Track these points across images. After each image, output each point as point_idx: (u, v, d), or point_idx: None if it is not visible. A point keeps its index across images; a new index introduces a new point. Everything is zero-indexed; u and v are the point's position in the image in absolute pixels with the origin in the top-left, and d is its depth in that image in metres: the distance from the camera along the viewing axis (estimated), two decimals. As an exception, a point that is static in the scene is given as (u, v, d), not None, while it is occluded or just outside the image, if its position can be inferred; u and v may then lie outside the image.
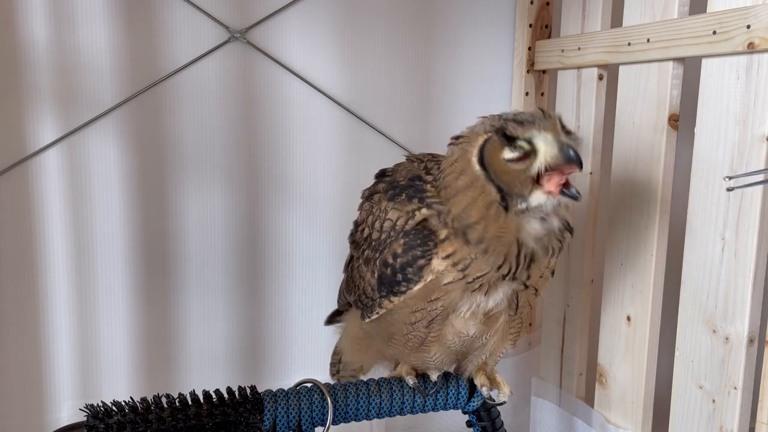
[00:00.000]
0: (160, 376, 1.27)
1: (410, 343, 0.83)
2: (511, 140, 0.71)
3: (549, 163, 0.70)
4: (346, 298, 0.94)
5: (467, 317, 0.79)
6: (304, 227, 1.32)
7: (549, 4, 1.38)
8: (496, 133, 0.72)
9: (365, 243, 0.85)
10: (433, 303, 0.78)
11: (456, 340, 0.82)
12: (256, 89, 1.25)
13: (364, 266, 0.84)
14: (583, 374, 1.28)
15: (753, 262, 0.86)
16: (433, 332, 0.81)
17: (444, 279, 0.75)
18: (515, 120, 0.71)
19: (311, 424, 0.84)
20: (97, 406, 0.75)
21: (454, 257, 0.74)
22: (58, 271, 1.18)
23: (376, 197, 0.86)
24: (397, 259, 0.77)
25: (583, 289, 1.24)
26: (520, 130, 0.70)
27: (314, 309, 1.35)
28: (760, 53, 0.83)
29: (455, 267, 0.74)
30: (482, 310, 0.78)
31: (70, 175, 1.17)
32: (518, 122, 0.71)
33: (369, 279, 0.82)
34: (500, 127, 0.72)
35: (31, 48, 1.12)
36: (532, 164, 0.71)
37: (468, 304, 0.77)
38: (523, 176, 0.71)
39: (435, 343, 0.83)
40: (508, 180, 0.72)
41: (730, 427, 0.90)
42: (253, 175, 1.28)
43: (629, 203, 1.09)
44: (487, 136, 0.73)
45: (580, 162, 0.69)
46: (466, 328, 0.81)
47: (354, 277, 0.88)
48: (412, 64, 1.35)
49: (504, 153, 0.72)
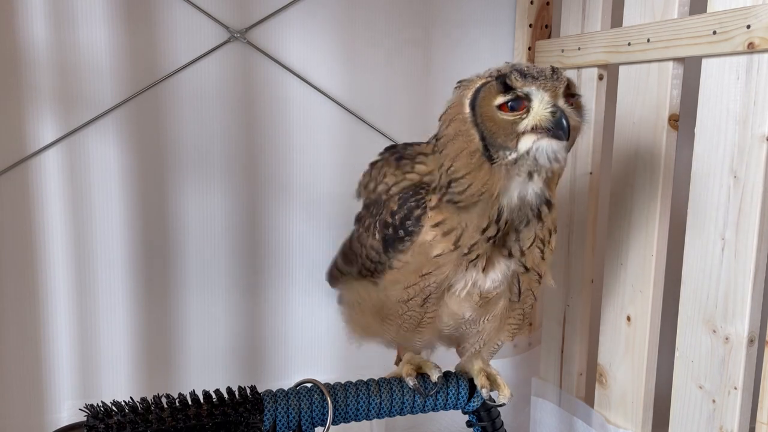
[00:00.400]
0: (160, 376, 1.27)
1: (406, 324, 0.82)
2: (508, 89, 0.69)
3: (538, 123, 0.69)
4: (343, 270, 0.93)
5: (462, 297, 0.78)
6: (303, 226, 1.32)
7: (549, 4, 1.38)
8: (497, 79, 0.70)
9: (366, 212, 0.86)
10: (426, 278, 0.76)
11: (451, 322, 0.81)
12: (256, 89, 1.25)
13: (365, 234, 0.84)
14: (583, 374, 1.28)
15: (753, 262, 0.86)
16: (429, 312, 0.79)
17: (434, 250, 0.75)
18: (520, 71, 0.69)
19: (311, 424, 0.84)
20: (97, 406, 0.75)
21: (444, 226, 0.74)
22: (58, 270, 1.18)
23: (379, 163, 0.87)
24: (396, 216, 0.77)
25: (583, 289, 1.24)
26: (521, 82, 0.68)
27: (314, 309, 1.35)
28: (760, 53, 0.83)
29: (445, 237, 0.74)
30: (479, 289, 0.77)
31: (70, 175, 1.17)
32: (522, 74, 0.69)
33: (372, 243, 0.81)
34: (503, 73, 0.70)
35: (31, 48, 1.12)
36: (522, 119, 0.69)
37: (463, 281, 0.76)
38: (509, 128, 0.69)
39: (430, 325, 0.82)
40: (493, 128, 0.70)
41: (730, 427, 0.90)
42: (252, 174, 1.28)
43: (629, 203, 1.08)
44: (486, 80, 0.71)
45: (567, 133, 0.68)
46: (461, 310, 0.79)
47: (354, 248, 0.88)
48: (412, 64, 1.35)
49: (497, 99, 0.70)
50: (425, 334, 0.84)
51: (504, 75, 0.70)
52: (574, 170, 1.24)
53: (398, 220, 0.77)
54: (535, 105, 0.69)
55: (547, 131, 0.69)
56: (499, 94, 0.70)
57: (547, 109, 0.68)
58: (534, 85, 0.68)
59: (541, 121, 0.69)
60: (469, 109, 0.72)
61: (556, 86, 0.69)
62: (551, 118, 0.68)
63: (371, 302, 0.86)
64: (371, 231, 0.82)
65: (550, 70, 0.69)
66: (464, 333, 0.84)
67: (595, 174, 1.21)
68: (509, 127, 0.69)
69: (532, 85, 0.68)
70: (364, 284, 0.87)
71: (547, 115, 0.68)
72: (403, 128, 1.35)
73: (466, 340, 0.87)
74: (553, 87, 0.68)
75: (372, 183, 0.86)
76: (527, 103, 0.69)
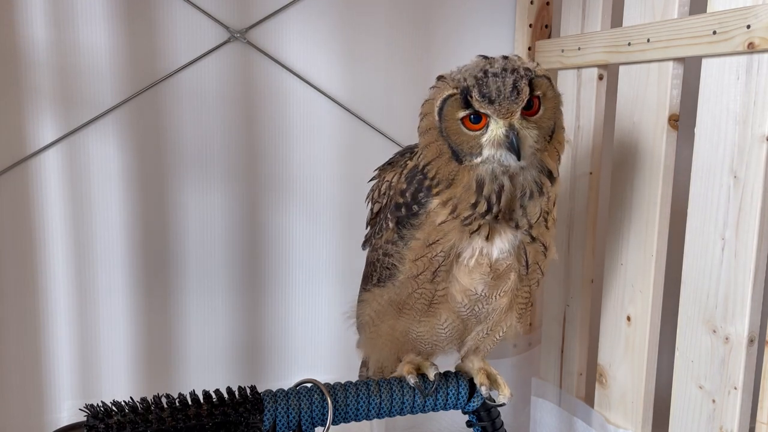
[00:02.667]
0: (160, 376, 1.27)
1: (419, 304, 0.83)
2: (469, 105, 0.74)
3: (494, 140, 0.74)
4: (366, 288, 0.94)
5: (472, 267, 0.79)
6: (303, 226, 1.32)
7: (549, 4, 1.38)
8: (461, 93, 0.75)
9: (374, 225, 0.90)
10: (433, 248, 0.79)
11: (465, 300, 0.82)
12: (256, 89, 1.25)
13: (376, 237, 0.88)
14: (583, 374, 1.28)
15: (753, 262, 0.86)
16: (439, 288, 0.81)
17: (438, 217, 0.78)
18: (481, 90, 0.72)
19: (311, 424, 0.84)
20: (97, 406, 0.75)
21: (443, 195, 0.78)
22: (58, 270, 1.18)
23: (377, 174, 0.92)
24: (406, 193, 0.81)
25: (583, 289, 1.24)
26: (479, 102, 0.73)
27: (314, 309, 1.35)
28: (760, 53, 0.83)
29: (445, 206, 0.78)
30: (487, 258, 0.79)
31: (70, 175, 1.17)
32: (482, 93, 0.72)
33: (386, 237, 0.84)
34: (467, 86, 0.74)
35: (31, 48, 1.12)
36: (482, 135, 0.75)
37: (470, 249, 0.79)
38: (472, 141, 0.75)
39: (443, 305, 0.83)
40: (457, 139, 0.76)
41: (730, 427, 0.90)
42: (252, 174, 1.28)
43: (629, 203, 1.08)
44: (452, 92, 0.76)
45: (518, 155, 0.73)
46: (473, 284, 0.81)
47: (370, 260, 0.91)
48: (412, 64, 1.35)
49: (459, 113, 0.75)
50: (440, 316, 0.84)
51: (466, 89, 0.74)
52: (574, 170, 1.24)
53: (410, 196, 0.80)
54: (491, 125, 0.74)
55: (502, 147, 0.74)
56: (461, 109, 0.75)
57: (501, 130, 0.73)
58: (490, 109, 0.73)
59: (497, 140, 0.74)
60: (437, 117, 0.77)
61: (512, 109, 0.73)
62: (505, 140, 0.73)
63: (386, 300, 0.87)
64: (384, 228, 0.85)
65: (511, 86, 0.72)
66: (477, 314, 0.85)
67: (595, 174, 1.21)
68: (472, 139, 0.75)
69: (488, 108, 0.73)
70: (379, 291, 0.89)
71: (501, 137, 0.74)
72: (402, 128, 1.35)
73: (476, 325, 0.87)
74: (508, 111, 0.73)
75: (374, 192, 0.90)
76: (488, 118, 0.74)
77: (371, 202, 0.91)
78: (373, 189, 0.91)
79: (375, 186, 0.91)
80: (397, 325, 0.88)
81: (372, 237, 0.90)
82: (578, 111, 1.23)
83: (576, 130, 1.23)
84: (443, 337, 0.87)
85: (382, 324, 0.90)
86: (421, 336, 0.88)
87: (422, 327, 0.87)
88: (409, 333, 0.88)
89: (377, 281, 0.89)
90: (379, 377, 0.92)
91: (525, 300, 0.87)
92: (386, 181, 0.87)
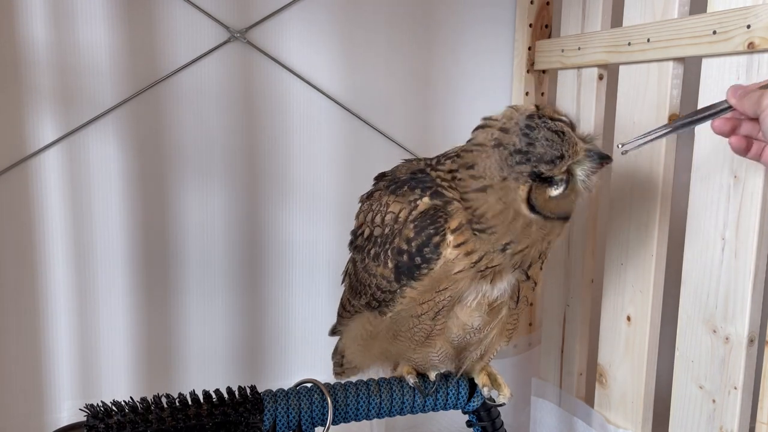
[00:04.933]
0: (160, 376, 1.27)
1: (416, 338, 0.83)
2: (548, 179, 0.73)
3: (588, 173, 0.74)
4: (353, 306, 0.93)
5: (473, 308, 0.80)
6: (303, 227, 1.32)
7: (549, 4, 1.38)
8: (535, 179, 0.73)
9: (368, 243, 0.85)
10: (442, 293, 0.78)
11: (460, 332, 0.83)
12: (256, 89, 1.25)
13: (372, 263, 0.83)
14: (583, 374, 1.28)
15: (753, 262, 0.86)
16: (438, 325, 0.81)
17: (455, 268, 0.76)
18: (544, 161, 0.71)
19: (311, 424, 0.84)
20: (97, 406, 0.75)
21: (467, 246, 0.75)
22: (58, 271, 1.18)
23: (377, 194, 0.86)
24: (412, 243, 0.77)
25: (583, 289, 1.24)
26: (555, 170, 0.72)
27: (314, 309, 1.35)
28: (760, 53, 0.83)
29: (468, 257, 0.76)
30: (487, 299, 0.80)
31: (70, 175, 1.17)
32: (548, 162, 0.71)
33: (382, 272, 0.81)
34: (536, 170, 0.72)
35: (31, 48, 1.12)
36: (576, 184, 0.75)
37: (474, 293, 0.79)
38: (570, 196, 0.76)
39: (440, 336, 0.83)
40: (552, 206, 0.75)
41: (730, 427, 0.90)
42: (252, 174, 1.28)
43: (629, 203, 1.08)
44: (529, 186, 0.73)
45: (608, 157, 0.74)
46: (471, 320, 0.81)
47: (361, 279, 0.87)
48: (412, 64, 1.35)
49: (549, 191, 0.74)
50: (435, 346, 0.85)
51: (536, 172, 0.72)
52: (574, 170, 1.24)
53: (415, 247, 0.77)
54: (578, 172, 0.74)
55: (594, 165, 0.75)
56: (548, 188, 0.73)
57: (586, 162, 0.74)
58: (564, 162, 0.72)
59: (591, 170, 0.74)
60: (528, 211, 0.74)
61: (575, 142, 0.73)
62: (595, 164, 0.74)
63: (380, 327, 0.87)
64: (381, 260, 0.82)
65: (560, 135, 0.72)
66: (469, 342, 0.86)
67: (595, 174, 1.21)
68: (569, 195, 0.76)
69: (563, 163, 0.72)
70: (371, 315, 0.88)
71: (592, 165, 0.74)
72: (403, 128, 1.35)
73: (467, 350, 0.88)
74: (575, 148, 0.73)
75: (374, 215, 0.85)
76: (571, 174, 0.74)
77: (370, 221, 0.85)
78: (374, 211, 0.85)
79: (376, 208, 0.85)
80: (390, 348, 0.89)
81: (366, 255, 0.85)
82: (578, 111, 1.23)
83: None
84: (436, 361, 0.89)
85: (374, 342, 0.91)
86: (414, 359, 0.89)
87: (416, 354, 0.88)
88: (403, 354, 0.89)
89: (366, 304, 0.88)
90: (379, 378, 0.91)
91: (514, 324, 0.89)
92: (391, 212, 0.81)
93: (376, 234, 0.83)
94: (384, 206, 0.82)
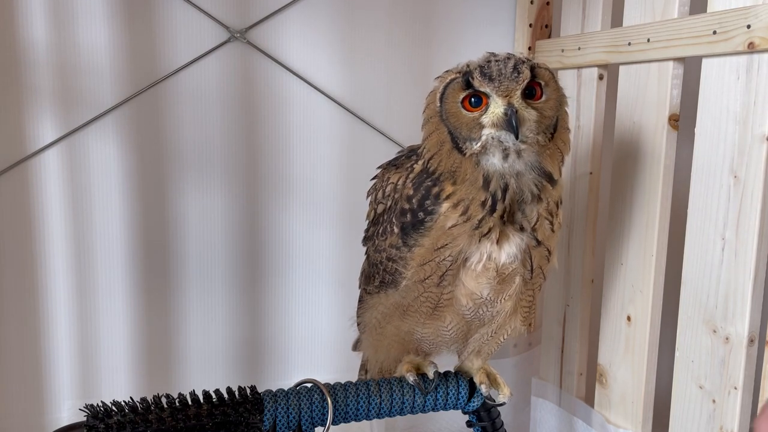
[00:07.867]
0: (160, 376, 1.27)
1: (423, 308, 0.83)
2: (470, 86, 0.75)
3: (493, 121, 0.74)
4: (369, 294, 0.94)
5: (479, 272, 0.79)
6: (303, 226, 1.32)
7: (549, 4, 1.38)
8: (463, 76, 0.76)
9: (375, 225, 0.89)
10: (441, 252, 0.78)
11: (470, 303, 0.82)
12: (256, 89, 1.25)
13: (380, 240, 0.86)
14: (583, 374, 1.28)
15: (753, 262, 0.86)
16: (445, 293, 0.81)
17: (448, 221, 0.77)
18: (482, 71, 0.74)
19: (311, 424, 0.84)
20: (97, 406, 0.75)
21: (454, 197, 0.77)
22: (58, 270, 1.18)
23: (380, 173, 0.91)
24: (413, 200, 0.80)
25: (583, 289, 1.24)
26: (479, 81, 0.74)
27: (314, 308, 1.35)
28: (760, 53, 0.83)
29: (456, 208, 0.77)
30: (494, 263, 0.79)
31: (70, 175, 1.17)
32: (483, 73, 0.74)
33: (390, 242, 0.83)
34: (469, 70, 0.75)
35: (31, 48, 1.12)
36: (483, 114, 0.75)
37: (478, 254, 0.78)
38: (471, 123, 0.76)
39: (448, 309, 0.83)
40: (456, 123, 0.77)
41: (730, 427, 0.90)
42: (253, 174, 1.28)
43: (629, 203, 1.09)
44: (455, 76, 0.77)
45: (516, 133, 0.73)
46: (479, 288, 0.80)
47: (373, 261, 0.89)
48: (412, 64, 1.35)
49: (460, 95, 0.76)
50: (445, 319, 0.84)
51: (468, 72, 0.75)
52: (574, 170, 1.24)
53: (416, 203, 0.79)
54: (491, 104, 0.75)
55: (501, 127, 0.75)
56: (461, 91, 0.76)
57: (500, 109, 0.74)
58: (490, 87, 0.74)
59: (496, 118, 0.74)
60: (439, 103, 0.79)
61: (512, 87, 0.74)
62: (503, 118, 0.74)
63: (391, 303, 0.87)
64: (388, 231, 0.84)
65: (511, 68, 0.74)
66: (481, 317, 0.84)
67: (595, 174, 1.21)
68: (471, 121, 0.76)
69: (488, 86, 0.74)
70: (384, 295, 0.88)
71: (500, 115, 0.74)
72: (402, 128, 1.35)
73: (480, 327, 0.87)
74: (507, 89, 0.73)
75: (377, 192, 0.89)
76: (488, 99, 0.75)
77: (374, 201, 0.90)
78: (376, 188, 0.90)
79: (378, 185, 0.89)
80: (402, 325, 0.88)
81: (375, 237, 0.89)
82: (578, 111, 1.23)
83: (576, 130, 1.23)
84: (447, 338, 0.87)
85: (387, 325, 0.90)
86: (425, 337, 0.88)
87: (427, 329, 0.87)
88: (414, 333, 0.88)
89: (380, 284, 0.88)
90: (380, 378, 0.91)
91: (529, 303, 0.87)
92: (391, 183, 0.85)
93: (379, 212, 0.87)
94: (385, 180, 0.87)
